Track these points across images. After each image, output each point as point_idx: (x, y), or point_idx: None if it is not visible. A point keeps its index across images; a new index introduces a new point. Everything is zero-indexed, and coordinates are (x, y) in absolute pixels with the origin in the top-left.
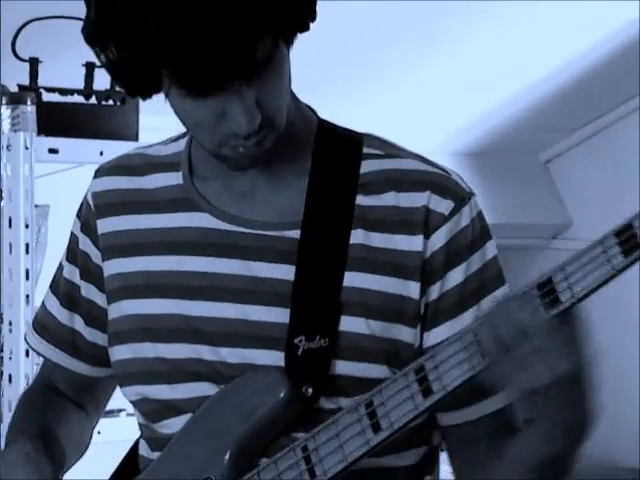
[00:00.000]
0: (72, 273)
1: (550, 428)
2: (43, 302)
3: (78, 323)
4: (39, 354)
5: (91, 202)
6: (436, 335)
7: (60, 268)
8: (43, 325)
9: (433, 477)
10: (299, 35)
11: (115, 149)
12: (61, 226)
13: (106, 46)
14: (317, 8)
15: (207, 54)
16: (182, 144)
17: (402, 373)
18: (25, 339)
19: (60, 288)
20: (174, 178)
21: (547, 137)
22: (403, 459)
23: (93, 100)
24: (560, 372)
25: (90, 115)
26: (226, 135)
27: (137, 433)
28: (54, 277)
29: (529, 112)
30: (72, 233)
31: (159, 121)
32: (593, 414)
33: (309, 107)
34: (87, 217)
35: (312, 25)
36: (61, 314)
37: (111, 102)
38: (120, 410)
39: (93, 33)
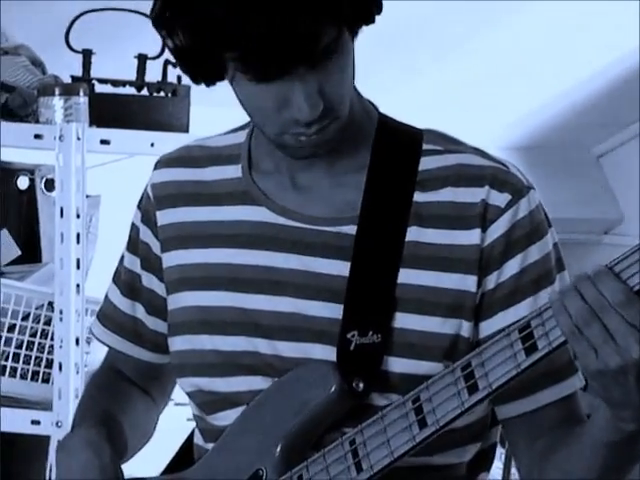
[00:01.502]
0: (133, 263)
1: (631, 405)
2: (106, 293)
3: (140, 312)
4: (103, 343)
5: (151, 193)
6: (490, 325)
7: (121, 258)
8: (106, 315)
9: (488, 475)
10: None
11: (166, 140)
12: (112, 216)
13: (173, 31)
14: None
15: (272, 38)
16: (242, 136)
17: (450, 369)
18: (90, 330)
19: (121, 278)
20: (233, 171)
21: (600, 132)
22: (457, 456)
23: (145, 92)
24: (631, 355)
25: (141, 107)
26: (288, 122)
27: (185, 422)
28: (116, 268)
29: (582, 106)
30: (133, 223)
31: (210, 112)
32: None
33: (370, 102)
34: (147, 208)
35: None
36: (123, 303)
37: (162, 94)
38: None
39: (160, 17)
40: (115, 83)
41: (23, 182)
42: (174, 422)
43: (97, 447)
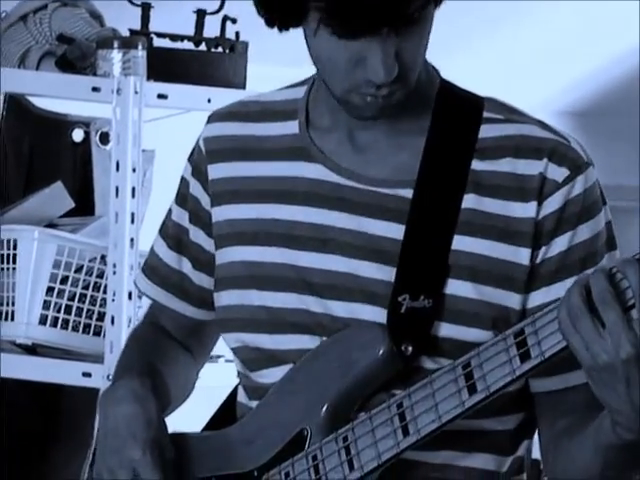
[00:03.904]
0: (181, 217)
1: (621, 411)
2: (152, 246)
3: (186, 266)
4: (147, 296)
5: (203, 147)
6: (533, 299)
7: (169, 212)
8: (152, 268)
9: (531, 441)
10: None
11: (223, 96)
12: (165, 171)
13: None
14: None
15: None
16: (300, 92)
17: (502, 336)
18: (135, 283)
19: (169, 231)
20: (289, 127)
21: None
22: (502, 423)
23: (203, 47)
24: (619, 355)
25: (199, 62)
26: (359, 81)
27: (234, 379)
28: (163, 221)
29: (635, 73)
30: (182, 177)
31: (267, 69)
32: None
33: (433, 67)
34: (198, 162)
35: None
36: (169, 257)
37: (220, 49)
38: (219, 356)
39: None
40: (173, 38)
41: (78, 135)
42: (224, 379)
43: (143, 399)
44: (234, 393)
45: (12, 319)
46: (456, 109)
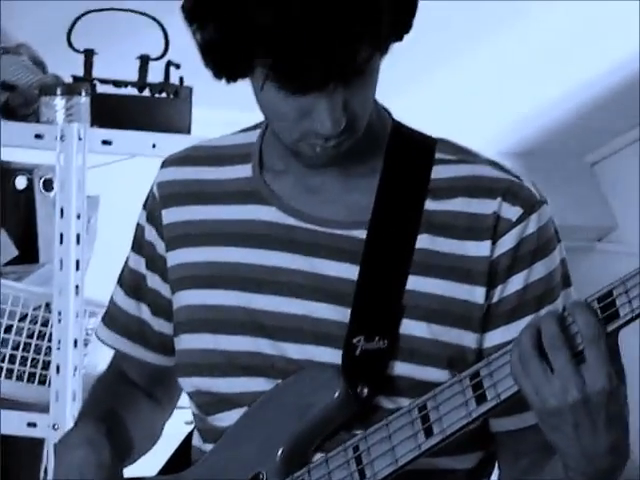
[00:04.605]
0: (138, 263)
1: (571, 455)
2: (111, 295)
3: (145, 312)
4: (109, 346)
5: (156, 192)
6: (491, 338)
7: (126, 259)
8: (111, 316)
9: None
10: None
11: (168, 142)
12: (110, 217)
13: (205, 25)
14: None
15: (310, 52)
16: (253, 136)
17: (458, 378)
18: (96, 335)
19: (126, 279)
20: (243, 170)
21: (594, 139)
22: (460, 462)
23: (147, 92)
24: (566, 399)
25: (143, 107)
26: (307, 133)
27: (183, 426)
28: (122, 269)
29: (576, 113)
30: (138, 223)
31: (212, 114)
32: (619, 448)
33: (384, 108)
34: (152, 207)
35: None
36: (127, 304)
37: (164, 95)
38: None
39: (194, 10)
40: (117, 83)
41: (21, 182)
42: (172, 426)
43: (95, 444)
44: (189, 436)
45: None
46: (408, 150)
